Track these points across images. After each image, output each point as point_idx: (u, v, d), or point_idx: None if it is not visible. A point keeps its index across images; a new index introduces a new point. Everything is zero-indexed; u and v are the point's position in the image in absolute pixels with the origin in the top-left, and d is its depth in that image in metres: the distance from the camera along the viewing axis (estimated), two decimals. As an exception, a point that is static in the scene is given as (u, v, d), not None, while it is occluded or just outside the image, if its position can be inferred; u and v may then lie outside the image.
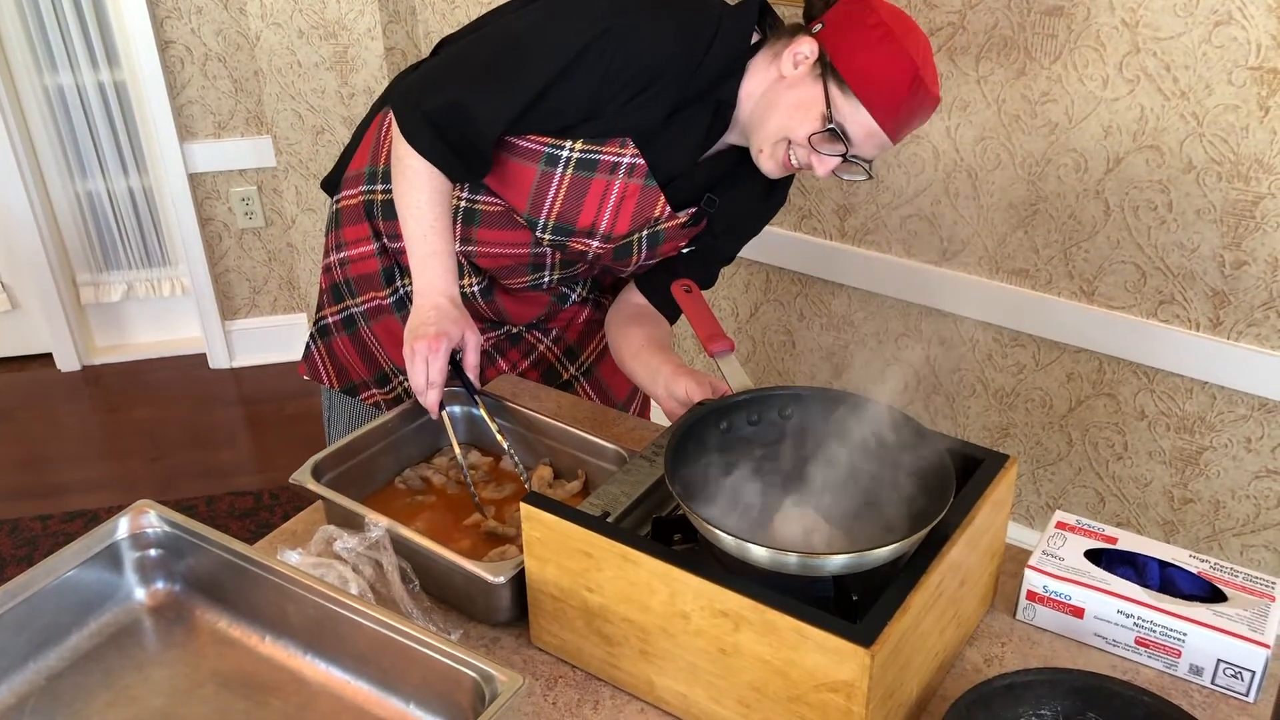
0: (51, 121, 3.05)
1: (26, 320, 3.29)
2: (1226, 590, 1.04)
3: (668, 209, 1.36)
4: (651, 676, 1.00)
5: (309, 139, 2.94)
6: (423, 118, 1.28)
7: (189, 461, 2.91)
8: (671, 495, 1.00)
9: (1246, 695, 1.01)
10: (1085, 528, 1.12)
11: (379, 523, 1.10)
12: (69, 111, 3.05)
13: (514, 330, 1.59)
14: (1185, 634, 1.01)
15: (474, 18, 1.40)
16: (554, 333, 1.61)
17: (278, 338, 3.34)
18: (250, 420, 3.11)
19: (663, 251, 1.44)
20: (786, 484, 1.08)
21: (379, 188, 1.51)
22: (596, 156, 1.31)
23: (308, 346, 1.65)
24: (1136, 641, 1.04)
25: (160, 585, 1.10)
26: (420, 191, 1.31)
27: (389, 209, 1.49)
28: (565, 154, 1.31)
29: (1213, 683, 1.02)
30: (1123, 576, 1.06)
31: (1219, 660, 1.01)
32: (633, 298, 1.52)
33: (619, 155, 1.31)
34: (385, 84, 2.82)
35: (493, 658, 1.03)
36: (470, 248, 1.45)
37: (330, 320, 1.61)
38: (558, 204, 1.33)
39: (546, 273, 1.48)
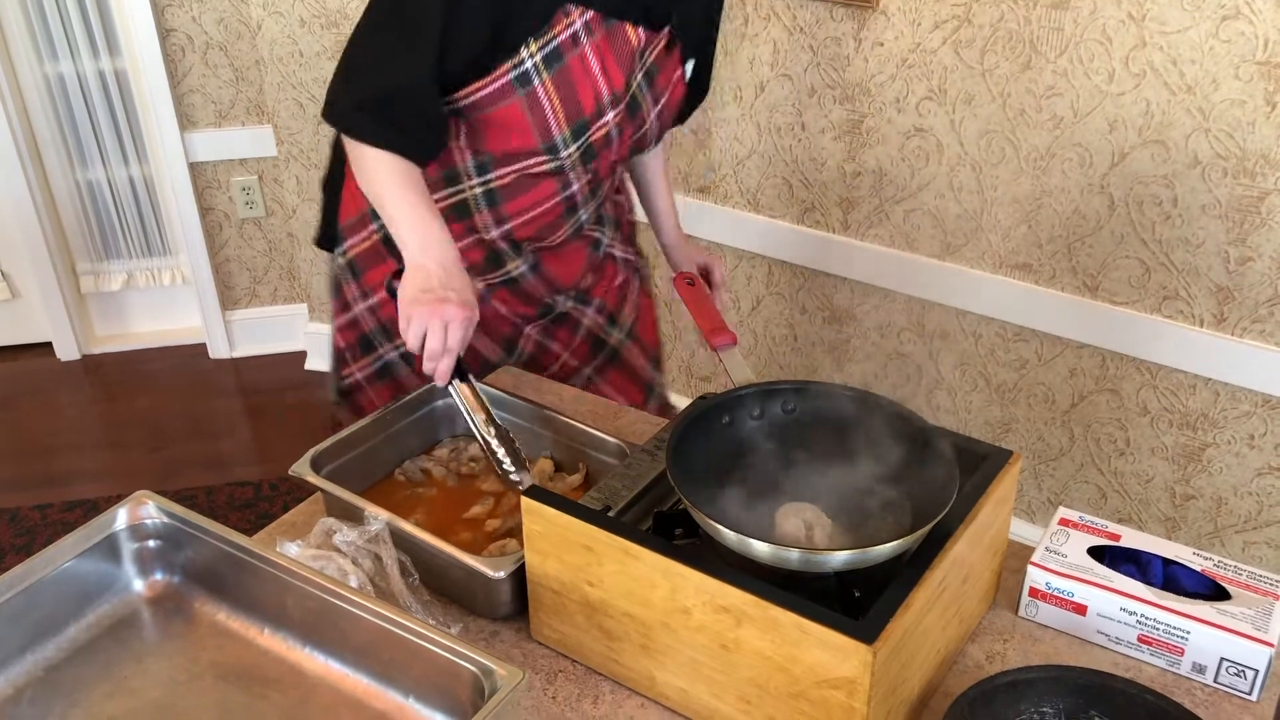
0: (52, 110, 3.04)
1: (26, 309, 3.28)
2: (1230, 588, 1.04)
3: (640, 34, 1.33)
4: (652, 671, 1.00)
5: (310, 129, 2.93)
6: (357, 110, 1.28)
7: (188, 452, 2.91)
8: (673, 489, 0.99)
9: (1249, 694, 1.01)
10: (1088, 524, 1.12)
11: (379, 516, 1.09)
12: (69, 100, 3.04)
13: (561, 310, 1.57)
14: (1188, 632, 1.01)
15: (350, 58, 1.39)
16: (595, 303, 1.60)
17: (278, 328, 3.33)
18: (250, 411, 3.11)
19: (662, 86, 1.40)
20: (788, 479, 1.08)
21: None
22: (555, 42, 1.28)
23: (332, 414, 1.63)
24: (1139, 639, 1.04)
25: (159, 576, 1.09)
26: (391, 177, 1.28)
27: None
28: (528, 64, 1.28)
29: (1216, 681, 1.02)
30: (1126, 574, 1.06)
31: (1222, 659, 1.00)
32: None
33: (570, 24, 1.28)
34: (387, 74, 2.81)
35: (493, 652, 1.03)
36: (506, 225, 1.43)
37: (357, 377, 1.58)
38: (559, 110, 1.31)
39: (580, 208, 1.46)
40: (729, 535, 0.93)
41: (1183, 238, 1.88)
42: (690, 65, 1.45)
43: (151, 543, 1.08)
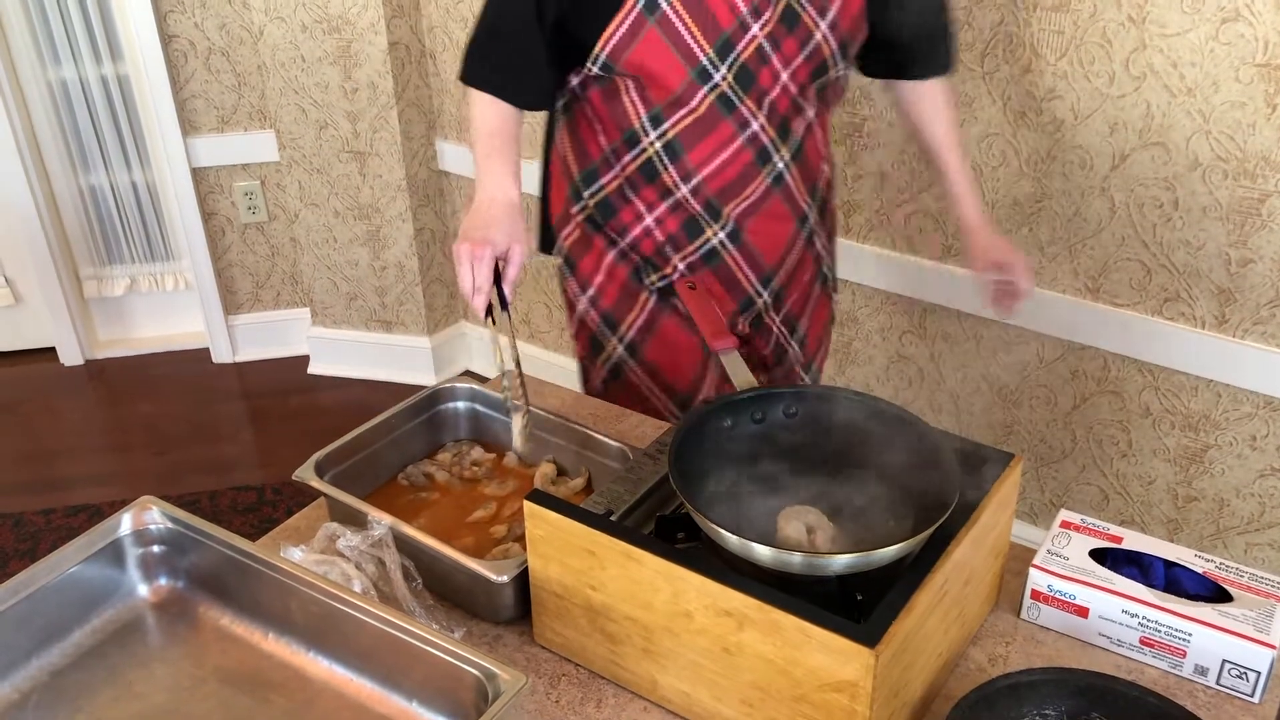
0: (55, 115, 3.05)
1: (30, 314, 3.29)
2: (1232, 590, 1.04)
3: None
4: (655, 675, 1.00)
5: (312, 134, 2.94)
6: (467, 55, 1.35)
7: (192, 456, 2.91)
8: (675, 493, 1.00)
9: (1252, 696, 1.01)
10: (1090, 527, 1.12)
11: (382, 520, 1.10)
12: (72, 105, 3.05)
13: (758, 312, 1.50)
14: (1190, 634, 1.01)
15: (478, 11, 1.39)
16: (785, 309, 1.53)
17: (281, 332, 3.34)
18: (253, 415, 3.11)
19: None
20: (790, 482, 1.08)
21: (586, 194, 1.46)
22: None
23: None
24: (1141, 641, 1.04)
25: (163, 581, 1.09)
26: (484, 124, 1.34)
27: (605, 204, 1.45)
28: None
29: (1218, 683, 1.02)
30: (1128, 576, 1.06)
31: (1224, 660, 1.00)
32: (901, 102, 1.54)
33: None
34: (389, 79, 2.83)
35: (495, 656, 1.03)
36: (695, 179, 1.38)
37: (597, 386, 1.57)
38: (694, 28, 1.27)
39: (772, 154, 1.38)
40: (731, 539, 0.93)
41: (1184, 240, 1.88)
42: None
43: (156, 548, 1.08)
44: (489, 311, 1.25)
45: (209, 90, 3.00)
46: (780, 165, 1.39)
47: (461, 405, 1.35)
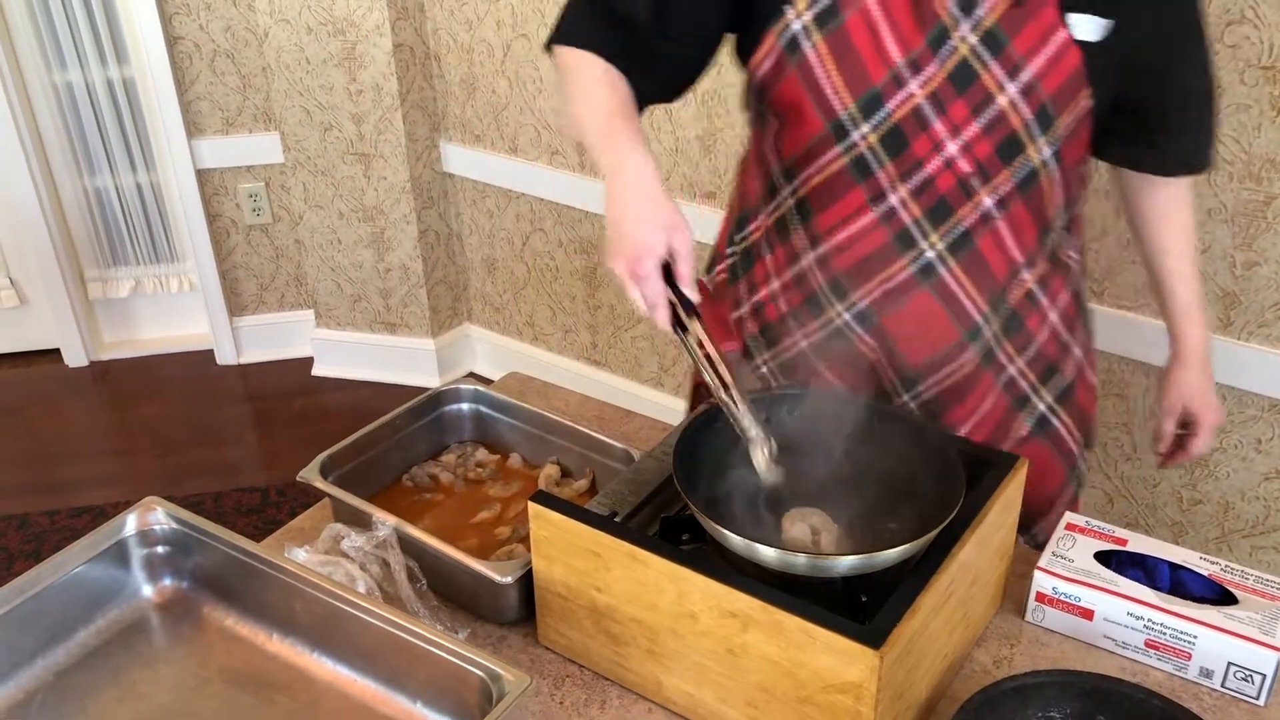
0: (60, 118, 3.06)
1: (34, 316, 3.30)
2: (1237, 593, 1.03)
3: None
4: (659, 676, 1.00)
5: (317, 135, 2.94)
6: (571, 12, 1.15)
7: (196, 458, 2.92)
8: (679, 495, 1.00)
9: (1257, 698, 1.00)
10: (1095, 529, 1.12)
11: (386, 521, 1.10)
12: (78, 108, 3.06)
13: (984, 342, 1.20)
14: (1195, 636, 1.01)
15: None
16: (1032, 349, 1.23)
17: (285, 334, 3.34)
18: (257, 417, 3.12)
19: (1022, 51, 1.05)
20: (795, 484, 1.08)
21: (737, 237, 1.30)
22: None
23: None
24: (1146, 644, 1.04)
25: (168, 582, 1.10)
26: (594, 93, 1.11)
27: (748, 254, 1.27)
28: (796, 26, 1.08)
29: (1223, 686, 1.02)
30: (1133, 578, 1.06)
31: (1229, 663, 1.00)
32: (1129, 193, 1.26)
33: None
34: (393, 81, 2.83)
35: (500, 657, 1.03)
36: (821, 248, 1.18)
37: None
38: (836, 77, 1.08)
39: (917, 239, 1.13)
40: (736, 540, 0.93)
41: (1189, 242, 1.88)
42: (1090, 23, 1.06)
43: (160, 548, 1.09)
44: (676, 320, 1.02)
45: (214, 92, 3.01)
46: (930, 255, 1.14)
47: (466, 407, 1.35)
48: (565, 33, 1.17)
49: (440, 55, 2.89)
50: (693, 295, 1.03)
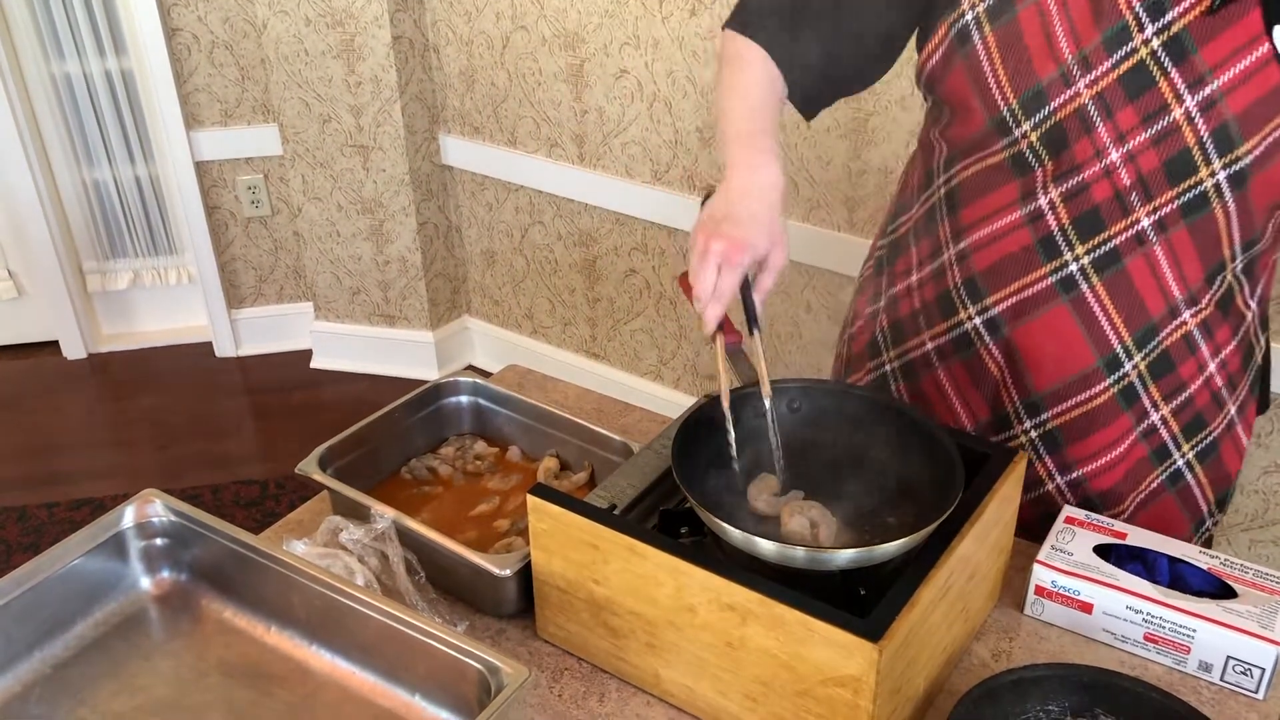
0: (58, 109, 3.05)
1: (33, 308, 3.29)
2: (1236, 586, 1.03)
3: None
4: (658, 669, 1.00)
5: (316, 127, 2.94)
6: (754, 6, 1.14)
7: (195, 450, 2.92)
8: (678, 488, 0.99)
9: (1256, 692, 1.00)
10: (1094, 523, 1.12)
11: (385, 514, 1.10)
12: (76, 99, 3.05)
13: (1124, 378, 1.12)
14: (1194, 630, 1.01)
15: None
16: (1182, 396, 1.14)
17: (284, 327, 3.34)
18: (256, 409, 3.12)
19: (1209, 61, 0.97)
20: (794, 477, 1.08)
21: (890, 226, 1.27)
22: None
23: None
24: (1145, 637, 1.04)
25: (166, 574, 1.09)
26: (746, 74, 1.11)
27: (896, 244, 1.24)
28: (969, 17, 1.05)
29: (1222, 679, 1.02)
30: (1132, 572, 1.06)
31: (1228, 657, 1.00)
32: None
33: None
34: (392, 73, 2.82)
35: (499, 649, 1.03)
36: (963, 242, 1.13)
37: None
38: (1001, 71, 1.04)
39: (1062, 247, 1.07)
40: (734, 533, 0.93)
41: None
42: None
43: (158, 541, 1.08)
44: (720, 328, 1.02)
45: (212, 84, 3.00)
46: (1073, 268, 1.07)
47: (464, 399, 1.35)
48: (741, 20, 1.15)
49: (439, 47, 2.88)
50: (760, 309, 1.03)
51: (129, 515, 1.07)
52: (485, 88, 2.84)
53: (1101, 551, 1.08)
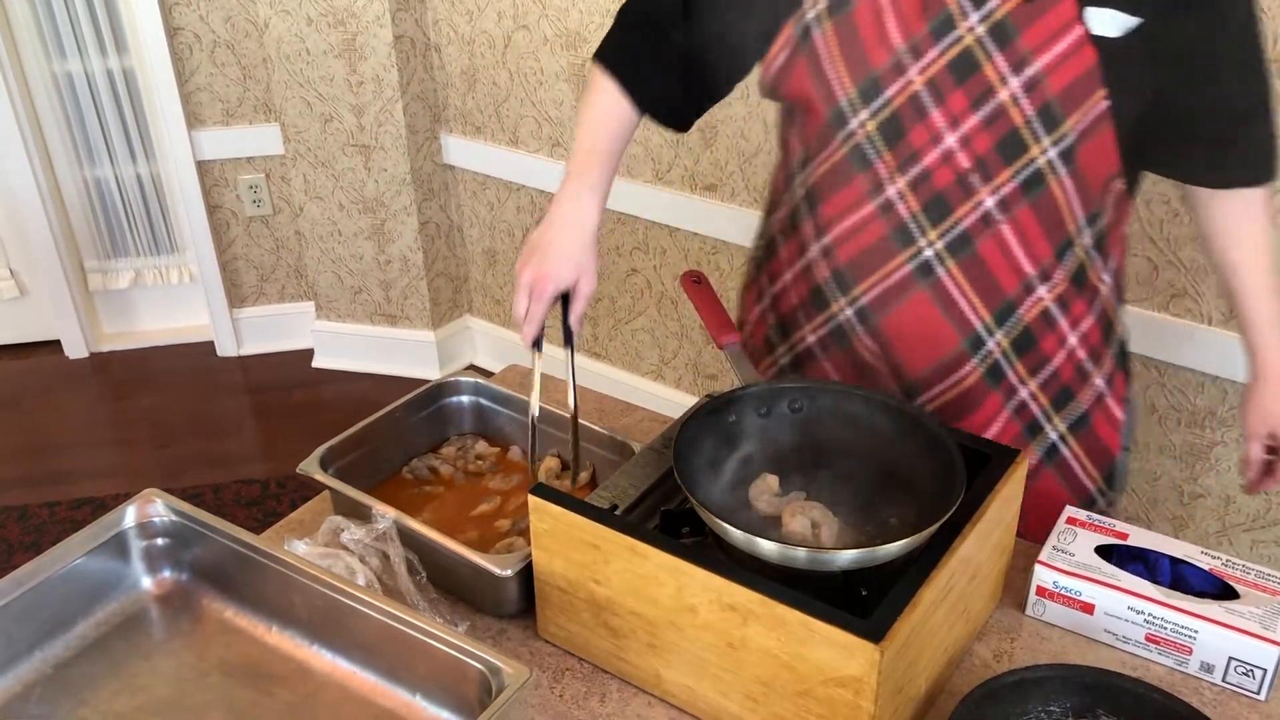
0: (60, 108, 3.05)
1: (34, 307, 3.30)
2: (1238, 587, 1.03)
3: None
4: (659, 669, 1.00)
5: (317, 127, 2.94)
6: (610, 30, 1.21)
7: (196, 449, 2.92)
8: (680, 488, 0.99)
9: (1258, 693, 1.00)
10: (1096, 523, 1.11)
11: (386, 514, 1.10)
12: (77, 98, 3.05)
13: (989, 356, 1.17)
14: (1196, 631, 1.01)
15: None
16: (1046, 371, 1.20)
17: (285, 326, 3.34)
18: (257, 409, 3.12)
19: (1029, 45, 1.03)
20: (795, 478, 1.08)
21: (764, 226, 1.33)
22: None
23: None
24: (1147, 638, 1.04)
25: (167, 574, 1.09)
26: (596, 116, 1.20)
27: (770, 243, 1.30)
28: (810, 15, 1.10)
29: (1224, 680, 1.01)
30: (1134, 573, 1.05)
31: (1230, 658, 1.00)
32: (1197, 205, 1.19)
33: None
34: (394, 72, 2.82)
35: (500, 650, 1.03)
36: (825, 239, 1.18)
37: None
38: (841, 64, 1.08)
39: (915, 234, 1.12)
40: (736, 534, 0.93)
41: (1191, 235, 1.87)
42: (1112, 19, 1.02)
43: (160, 540, 1.08)
44: (537, 341, 1.17)
45: (214, 83, 3.00)
46: (928, 254, 1.12)
47: (466, 399, 1.35)
48: (600, 51, 1.23)
49: (441, 47, 2.88)
50: (575, 329, 1.16)
51: (130, 515, 1.07)
52: (487, 87, 2.84)
53: (1103, 552, 1.08)
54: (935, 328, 1.16)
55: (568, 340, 1.18)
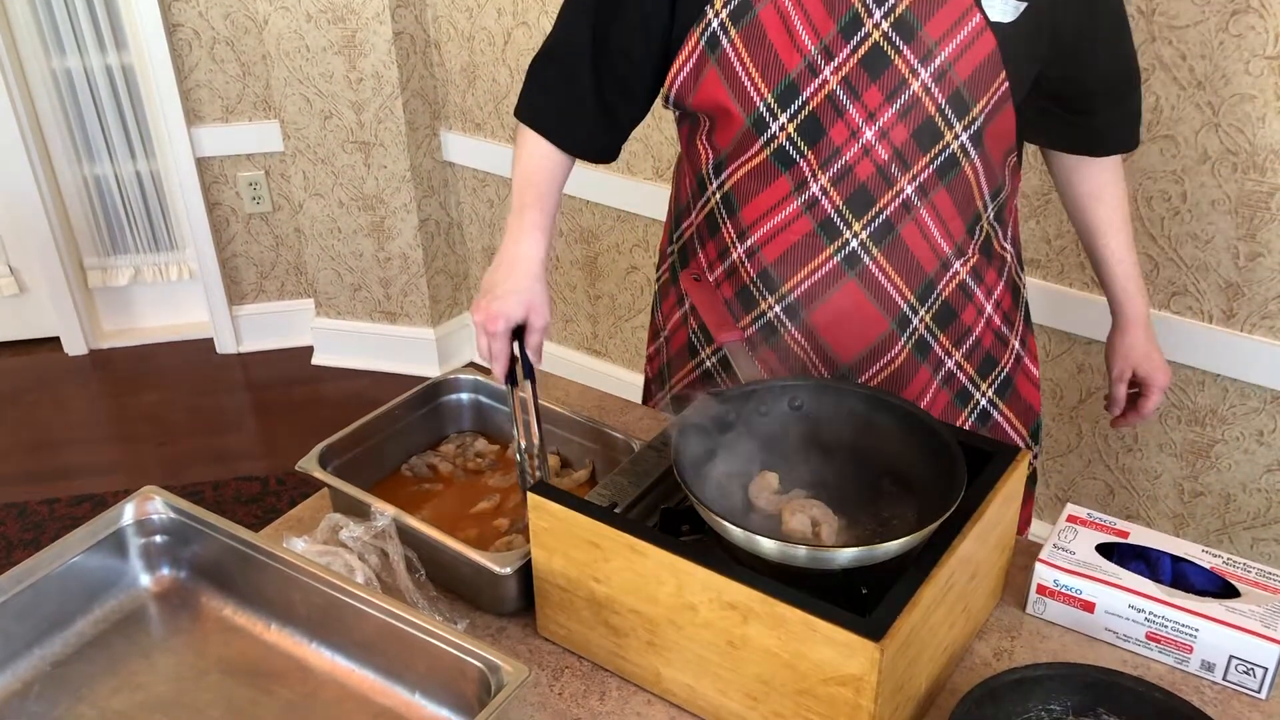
0: (59, 105, 3.05)
1: (34, 304, 3.29)
2: (1239, 586, 1.03)
3: None
4: (659, 668, 1.00)
5: (317, 124, 2.93)
6: (525, 82, 1.25)
7: (196, 446, 2.91)
8: (680, 486, 0.99)
9: (1258, 692, 1.00)
10: (1097, 521, 1.11)
11: (385, 511, 1.09)
12: (77, 95, 3.05)
13: (915, 333, 1.22)
14: (1197, 629, 1.00)
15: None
16: (969, 341, 1.25)
17: (285, 323, 3.34)
18: (257, 406, 3.11)
19: (934, 35, 1.07)
20: (795, 476, 1.07)
21: (674, 234, 1.35)
22: None
23: None
24: (1148, 637, 1.03)
25: (166, 572, 1.09)
26: (528, 159, 1.24)
27: (684, 250, 1.32)
28: (715, 24, 1.11)
29: (1224, 679, 1.01)
30: (1134, 571, 1.05)
31: (1231, 656, 1.00)
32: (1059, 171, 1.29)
33: None
34: (393, 69, 2.82)
35: (499, 648, 1.03)
36: (749, 241, 1.20)
37: (659, 408, 1.45)
38: (754, 70, 1.11)
39: (841, 227, 1.15)
40: (736, 532, 0.93)
41: (1191, 233, 1.87)
42: (1004, 4, 1.07)
43: (158, 538, 1.08)
44: (511, 375, 1.19)
45: (213, 80, 3.00)
46: (854, 245, 1.16)
47: (465, 396, 1.35)
48: (518, 108, 1.27)
49: (440, 43, 2.88)
50: (534, 361, 1.19)
51: (129, 512, 1.07)
52: (487, 84, 2.83)
53: (1104, 550, 1.08)
54: (864, 313, 1.20)
55: (527, 374, 1.20)
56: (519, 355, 1.19)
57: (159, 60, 2.91)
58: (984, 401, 1.28)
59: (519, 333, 1.18)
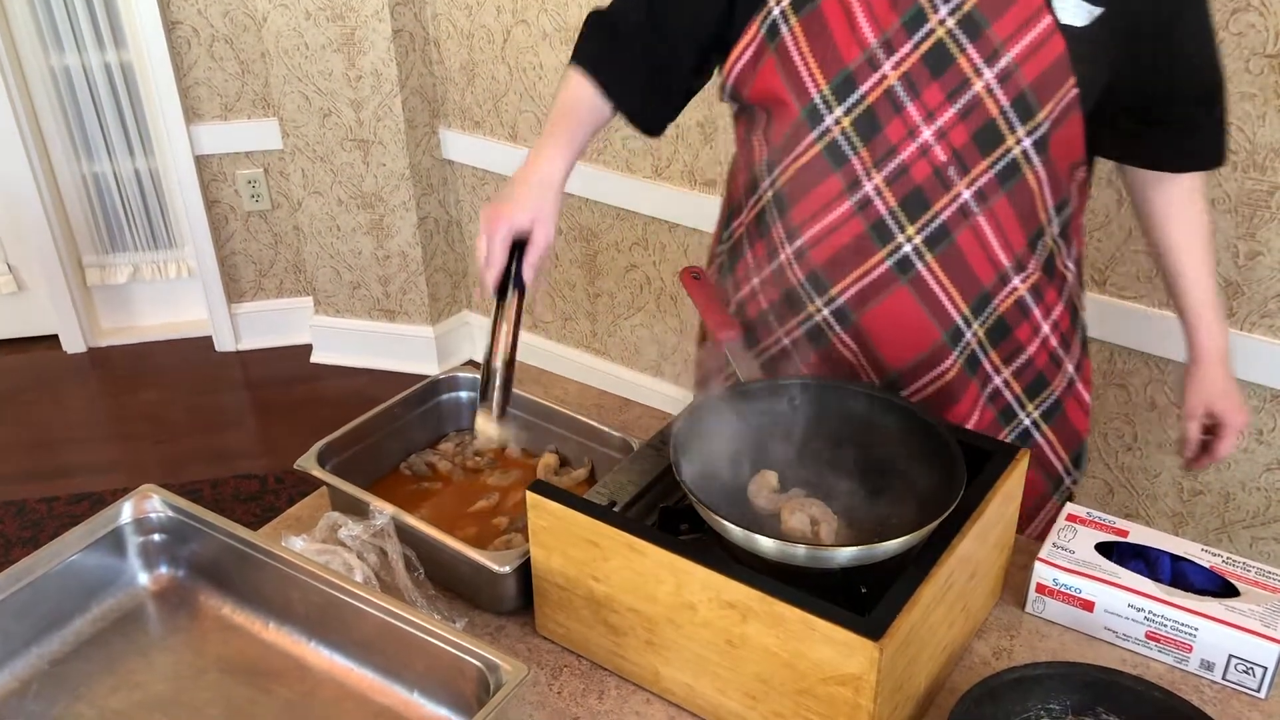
0: (58, 102, 3.05)
1: (32, 302, 3.29)
2: (1239, 585, 1.03)
3: None
4: (658, 667, 0.99)
5: (316, 121, 2.93)
6: (582, 32, 1.23)
7: (194, 445, 2.91)
8: (679, 485, 0.99)
9: (1258, 691, 1.00)
10: (1096, 520, 1.11)
11: (384, 510, 1.09)
12: (75, 92, 3.04)
13: (967, 347, 1.18)
14: (1197, 629, 1.00)
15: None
16: (1020, 359, 1.21)
17: (284, 321, 3.33)
18: (256, 404, 3.11)
19: (1002, 35, 1.03)
20: (795, 474, 1.07)
21: (725, 233, 1.32)
22: None
23: None
24: (1147, 636, 1.03)
25: (164, 570, 1.09)
26: (571, 93, 1.21)
27: (734, 249, 1.29)
28: (776, 12, 1.10)
29: (1224, 678, 1.01)
30: (1134, 570, 1.05)
31: (1230, 655, 1.00)
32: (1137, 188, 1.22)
33: None
34: (392, 66, 2.82)
35: (498, 647, 1.03)
36: (798, 241, 1.17)
37: None
38: (810, 59, 1.08)
39: (894, 230, 1.11)
40: (735, 531, 0.93)
41: (1191, 232, 1.87)
42: (1077, 8, 1.03)
43: (157, 536, 1.08)
44: (501, 290, 1.13)
45: (212, 78, 3.00)
46: (907, 249, 1.12)
47: (464, 395, 1.35)
48: (575, 55, 1.24)
49: (440, 41, 2.87)
50: (527, 277, 1.12)
51: (127, 510, 1.07)
52: (486, 82, 2.83)
53: (1103, 549, 1.08)
54: (916, 322, 1.16)
55: (517, 288, 1.13)
56: (515, 267, 1.13)
57: (158, 58, 2.91)
58: (1027, 421, 1.24)
59: (521, 248, 1.13)
